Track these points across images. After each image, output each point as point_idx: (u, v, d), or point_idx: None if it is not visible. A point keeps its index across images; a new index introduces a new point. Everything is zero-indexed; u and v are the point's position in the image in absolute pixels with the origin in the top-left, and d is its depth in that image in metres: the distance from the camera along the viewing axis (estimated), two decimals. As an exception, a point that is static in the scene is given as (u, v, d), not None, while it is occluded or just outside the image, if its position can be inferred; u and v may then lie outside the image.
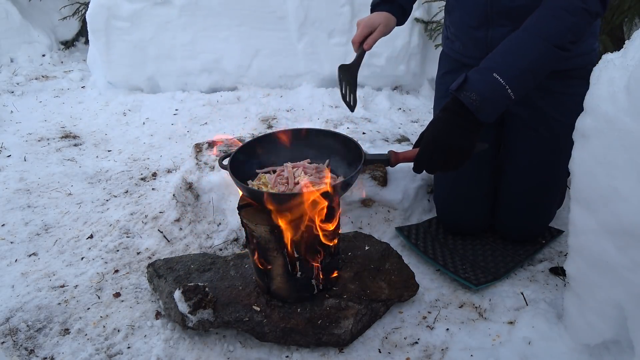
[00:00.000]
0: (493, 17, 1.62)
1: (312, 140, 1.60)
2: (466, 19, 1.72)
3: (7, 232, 2.19)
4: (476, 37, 1.70)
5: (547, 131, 1.72)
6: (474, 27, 1.70)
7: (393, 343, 1.53)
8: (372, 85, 3.45)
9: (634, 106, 1.07)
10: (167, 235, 2.09)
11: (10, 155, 2.90)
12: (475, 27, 1.69)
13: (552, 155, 1.74)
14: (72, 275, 1.90)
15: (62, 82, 4.18)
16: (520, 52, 1.35)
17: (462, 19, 1.74)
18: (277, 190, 1.46)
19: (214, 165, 2.17)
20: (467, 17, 1.71)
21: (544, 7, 1.36)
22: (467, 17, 1.72)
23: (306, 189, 1.36)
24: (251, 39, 3.50)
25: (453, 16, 1.80)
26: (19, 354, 1.55)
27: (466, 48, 1.77)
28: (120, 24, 3.60)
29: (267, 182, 1.50)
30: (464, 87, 1.34)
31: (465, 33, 1.75)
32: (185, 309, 1.50)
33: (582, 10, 1.32)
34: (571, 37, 1.34)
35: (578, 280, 1.33)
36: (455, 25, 1.80)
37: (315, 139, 1.58)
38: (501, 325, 1.57)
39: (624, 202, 1.09)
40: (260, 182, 1.51)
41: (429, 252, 1.86)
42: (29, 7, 5.03)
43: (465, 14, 1.72)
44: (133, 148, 3.00)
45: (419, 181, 2.11)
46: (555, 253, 1.90)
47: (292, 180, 1.45)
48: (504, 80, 1.31)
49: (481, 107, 1.32)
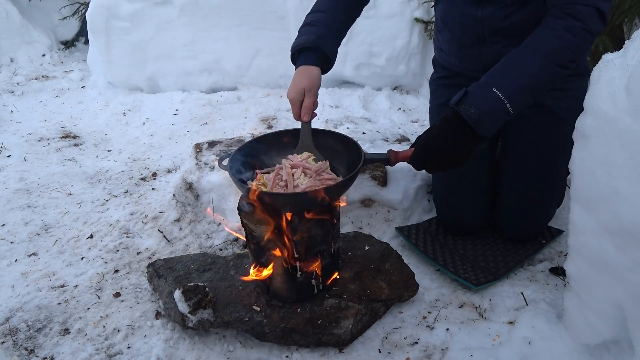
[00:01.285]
0: (485, 36, 1.64)
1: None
2: (458, 39, 1.73)
3: (7, 232, 2.19)
4: (470, 54, 1.72)
5: (546, 126, 1.72)
6: (467, 47, 1.72)
7: (393, 343, 1.53)
8: (372, 85, 3.45)
9: (634, 106, 1.07)
10: (167, 235, 2.09)
11: (10, 155, 2.90)
12: (469, 47, 1.71)
13: (550, 150, 1.74)
14: (72, 275, 1.90)
15: (62, 82, 4.18)
16: (520, 69, 1.37)
17: (454, 39, 1.76)
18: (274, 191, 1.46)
19: (214, 165, 2.17)
20: (459, 37, 1.72)
21: (545, 26, 1.38)
22: (459, 38, 1.73)
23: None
24: (251, 39, 3.50)
25: (444, 35, 1.80)
26: (19, 354, 1.55)
27: (462, 63, 1.79)
28: (120, 24, 3.60)
29: (267, 183, 1.50)
30: (464, 101, 1.36)
31: (459, 50, 1.77)
32: (185, 309, 1.50)
33: (582, 31, 1.34)
34: (572, 56, 1.36)
35: (578, 280, 1.33)
36: (448, 43, 1.81)
37: (314, 138, 1.58)
38: (501, 325, 1.57)
39: (624, 202, 1.09)
40: (259, 183, 1.51)
41: (429, 252, 1.86)
42: (29, 7, 5.03)
43: (457, 35, 1.73)
44: (133, 148, 3.00)
45: (419, 181, 2.11)
46: (555, 253, 1.90)
47: (292, 183, 1.45)
48: (503, 95, 1.33)
49: (480, 121, 1.34)
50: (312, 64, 1.54)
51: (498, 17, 1.57)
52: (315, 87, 1.52)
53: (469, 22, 1.63)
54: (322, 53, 1.55)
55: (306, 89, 1.49)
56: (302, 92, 1.49)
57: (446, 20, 1.74)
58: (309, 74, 1.52)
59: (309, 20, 1.62)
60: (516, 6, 1.54)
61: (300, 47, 1.56)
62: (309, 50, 1.55)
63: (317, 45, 1.53)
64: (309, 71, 1.52)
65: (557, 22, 1.36)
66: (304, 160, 1.50)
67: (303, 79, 1.51)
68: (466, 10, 1.63)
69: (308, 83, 1.50)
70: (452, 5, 1.69)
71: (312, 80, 1.51)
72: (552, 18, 1.37)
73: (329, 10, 1.62)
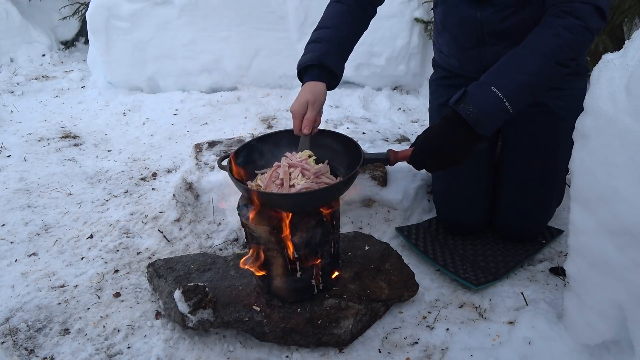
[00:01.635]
0: (485, 37, 1.64)
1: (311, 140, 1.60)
2: (458, 41, 1.74)
3: (7, 232, 2.19)
4: (470, 55, 1.72)
5: (545, 125, 1.72)
6: (467, 48, 1.72)
7: (393, 343, 1.53)
8: (372, 85, 3.45)
9: (634, 106, 1.07)
10: (167, 235, 2.09)
11: (10, 155, 2.90)
12: (468, 48, 1.71)
13: (550, 150, 1.75)
14: (72, 275, 1.90)
15: (62, 82, 4.18)
16: (519, 67, 1.37)
17: (453, 41, 1.76)
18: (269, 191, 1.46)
19: (214, 165, 2.17)
20: (459, 39, 1.73)
21: (545, 25, 1.38)
22: (458, 40, 1.73)
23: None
24: (251, 39, 3.50)
25: (444, 37, 1.80)
26: (19, 354, 1.55)
27: (461, 64, 1.79)
28: (120, 24, 3.60)
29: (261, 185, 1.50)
30: (463, 100, 1.36)
31: (459, 52, 1.77)
32: (185, 309, 1.50)
33: (582, 29, 1.34)
34: (571, 54, 1.36)
35: (578, 280, 1.33)
36: (447, 45, 1.81)
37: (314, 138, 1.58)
38: (501, 325, 1.57)
39: (624, 202, 1.09)
40: (258, 183, 1.51)
41: (429, 252, 1.86)
42: (29, 7, 5.03)
43: (456, 37, 1.73)
44: (133, 148, 3.00)
45: (419, 181, 2.11)
46: (555, 253, 1.90)
47: (287, 182, 1.44)
48: (502, 94, 1.34)
49: (479, 120, 1.34)
50: (317, 79, 1.54)
51: (497, 18, 1.58)
52: (319, 102, 1.51)
53: (469, 24, 1.64)
54: (327, 69, 1.54)
55: (310, 102, 1.48)
56: (305, 106, 1.48)
57: (445, 22, 1.74)
58: (314, 88, 1.52)
59: (314, 37, 1.62)
60: (515, 7, 1.54)
61: (306, 65, 1.55)
62: (314, 68, 1.55)
63: (321, 62, 1.53)
64: (314, 86, 1.52)
65: (556, 21, 1.36)
66: (303, 161, 1.50)
67: (307, 93, 1.50)
68: (465, 13, 1.63)
69: (312, 97, 1.49)
70: (451, 8, 1.69)
71: (316, 95, 1.50)
72: (551, 17, 1.37)
73: (333, 26, 1.63)
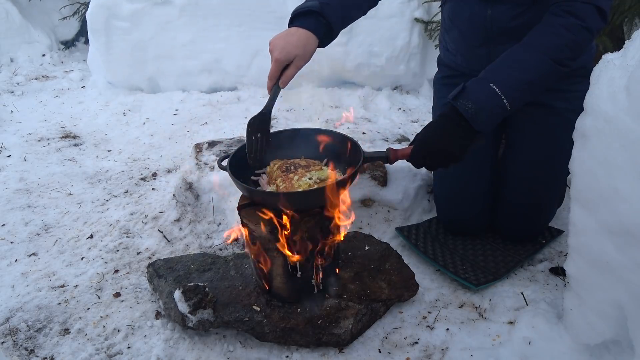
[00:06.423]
0: (494, 36, 1.64)
1: (311, 139, 1.60)
2: (467, 38, 1.73)
3: (7, 232, 2.19)
4: (478, 53, 1.72)
5: (550, 127, 1.72)
6: (475, 46, 1.71)
7: (393, 343, 1.53)
8: (372, 85, 3.45)
9: (634, 106, 1.07)
10: (167, 235, 2.09)
11: (10, 155, 2.90)
12: (477, 46, 1.71)
13: (554, 151, 1.74)
14: (72, 275, 1.90)
15: (62, 82, 4.18)
16: (517, 64, 1.37)
17: (462, 38, 1.75)
18: (272, 188, 1.48)
19: (214, 165, 2.17)
20: (468, 37, 1.72)
21: (545, 23, 1.38)
22: (467, 37, 1.73)
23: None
24: (251, 39, 3.50)
25: (452, 34, 1.80)
26: (19, 354, 1.55)
27: (469, 62, 1.79)
28: (120, 23, 3.60)
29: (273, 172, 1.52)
30: (461, 95, 1.36)
31: (468, 50, 1.76)
32: (185, 309, 1.50)
33: (581, 29, 1.34)
34: (569, 54, 1.36)
35: (578, 280, 1.33)
36: (455, 42, 1.80)
37: (314, 138, 1.58)
38: (501, 325, 1.57)
39: (624, 202, 1.09)
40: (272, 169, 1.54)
41: (429, 252, 1.86)
42: (29, 7, 5.03)
43: (465, 34, 1.73)
44: (133, 148, 3.00)
45: (419, 181, 2.11)
46: (555, 253, 1.90)
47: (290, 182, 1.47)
48: (500, 90, 1.33)
49: (476, 115, 1.34)
50: (311, 29, 1.39)
51: (508, 16, 1.57)
52: (306, 60, 1.39)
53: (478, 20, 1.63)
54: (326, 22, 1.41)
55: (298, 57, 1.36)
56: (290, 58, 1.36)
57: (454, 19, 1.74)
58: (306, 43, 1.38)
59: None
60: (527, 5, 1.53)
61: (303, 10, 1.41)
62: (311, 15, 1.40)
63: (322, 11, 1.39)
64: (306, 40, 1.38)
65: (556, 20, 1.36)
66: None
67: (298, 47, 1.36)
68: (475, 9, 1.62)
69: (302, 53, 1.37)
70: (461, 4, 1.68)
71: (306, 52, 1.38)
72: (551, 15, 1.38)
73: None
